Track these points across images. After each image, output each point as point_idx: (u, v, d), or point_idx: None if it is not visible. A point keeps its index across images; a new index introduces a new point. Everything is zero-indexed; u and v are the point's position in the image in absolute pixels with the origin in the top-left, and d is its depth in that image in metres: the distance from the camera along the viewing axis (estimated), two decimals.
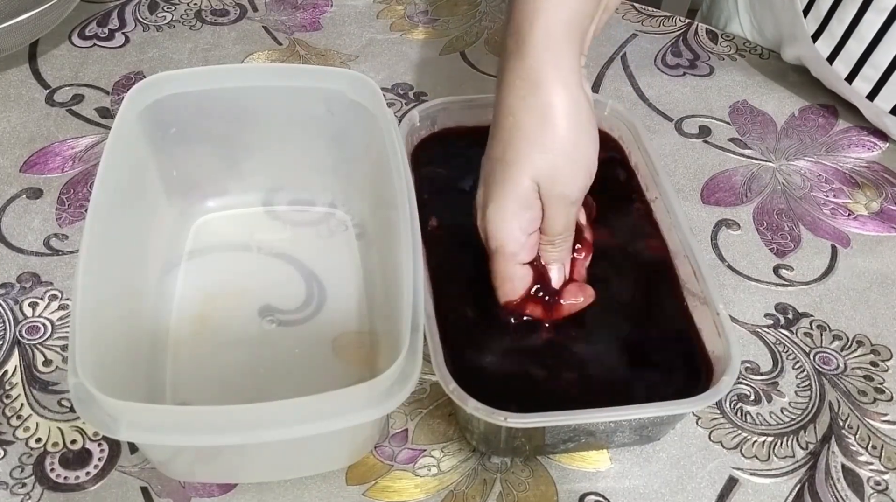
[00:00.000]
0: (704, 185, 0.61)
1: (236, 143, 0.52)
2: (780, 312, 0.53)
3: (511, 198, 0.43)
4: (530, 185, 0.42)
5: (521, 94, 0.42)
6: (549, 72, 0.41)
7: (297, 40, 0.70)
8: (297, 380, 0.47)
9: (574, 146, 0.42)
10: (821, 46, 0.63)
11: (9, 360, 0.48)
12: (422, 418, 0.47)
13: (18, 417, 0.46)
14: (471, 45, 0.71)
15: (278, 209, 0.55)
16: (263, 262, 0.52)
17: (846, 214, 0.60)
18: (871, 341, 0.52)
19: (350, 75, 0.48)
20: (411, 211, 0.43)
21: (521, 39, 0.42)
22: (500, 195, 0.43)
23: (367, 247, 0.53)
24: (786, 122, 0.66)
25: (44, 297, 0.51)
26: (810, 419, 0.48)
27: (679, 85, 0.68)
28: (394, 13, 0.73)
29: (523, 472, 0.45)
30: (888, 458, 0.47)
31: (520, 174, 0.42)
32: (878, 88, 0.61)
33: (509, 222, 0.43)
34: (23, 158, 0.59)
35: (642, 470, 0.46)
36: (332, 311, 0.50)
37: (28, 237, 0.54)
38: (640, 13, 0.75)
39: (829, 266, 0.56)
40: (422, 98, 0.65)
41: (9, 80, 0.64)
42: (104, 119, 0.62)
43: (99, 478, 0.44)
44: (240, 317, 0.50)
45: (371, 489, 0.44)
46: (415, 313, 0.39)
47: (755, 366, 0.51)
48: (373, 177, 0.49)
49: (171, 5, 0.72)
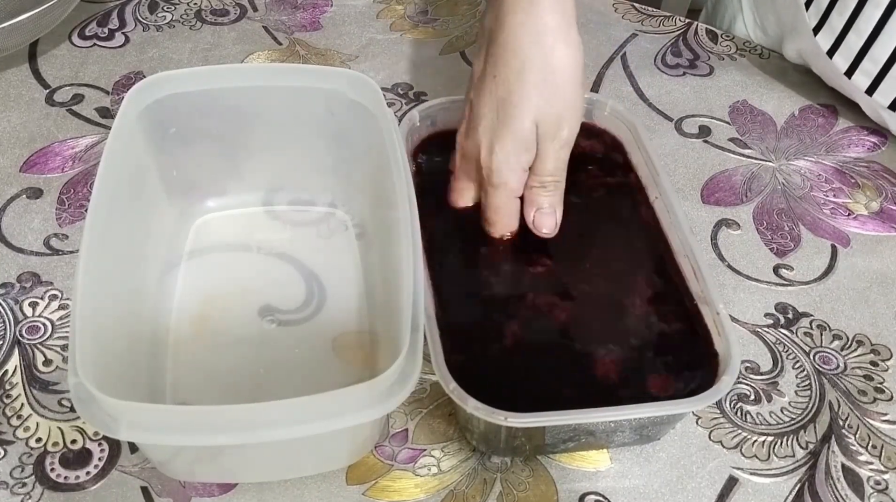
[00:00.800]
0: (704, 185, 0.61)
1: (236, 143, 0.52)
2: (780, 312, 0.53)
3: (517, 137, 0.46)
4: (531, 127, 0.46)
5: (528, 39, 0.46)
6: (555, 17, 0.46)
7: (297, 40, 0.70)
8: (297, 380, 0.47)
9: (573, 93, 0.47)
10: (821, 40, 0.63)
11: (9, 360, 0.48)
12: (422, 418, 0.47)
13: (18, 417, 0.46)
14: (471, 45, 0.71)
15: (278, 209, 0.55)
16: (263, 262, 0.52)
17: (846, 214, 0.60)
18: (871, 341, 0.52)
19: (350, 75, 0.48)
20: (411, 211, 0.43)
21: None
22: (506, 134, 0.46)
23: (367, 247, 0.53)
24: (786, 121, 0.66)
25: (44, 297, 0.51)
26: (810, 419, 0.48)
27: (679, 85, 0.68)
28: (394, 13, 0.73)
29: (523, 472, 0.45)
30: (888, 458, 0.47)
31: (526, 115, 0.46)
32: (877, 83, 0.61)
33: (513, 161, 0.47)
34: (23, 158, 0.59)
35: (642, 470, 0.46)
36: (332, 311, 0.50)
37: (28, 237, 0.54)
38: (640, 13, 0.75)
39: (829, 266, 0.56)
40: (422, 98, 0.65)
41: (9, 80, 0.64)
42: (104, 119, 0.62)
43: (99, 478, 0.44)
44: (240, 317, 0.50)
45: (371, 489, 0.44)
46: (415, 313, 0.39)
47: (755, 365, 0.51)
48: (373, 177, 0.49)
49: (171, 5, 0.72)
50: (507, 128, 0.47)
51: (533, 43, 0.46)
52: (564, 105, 0.46)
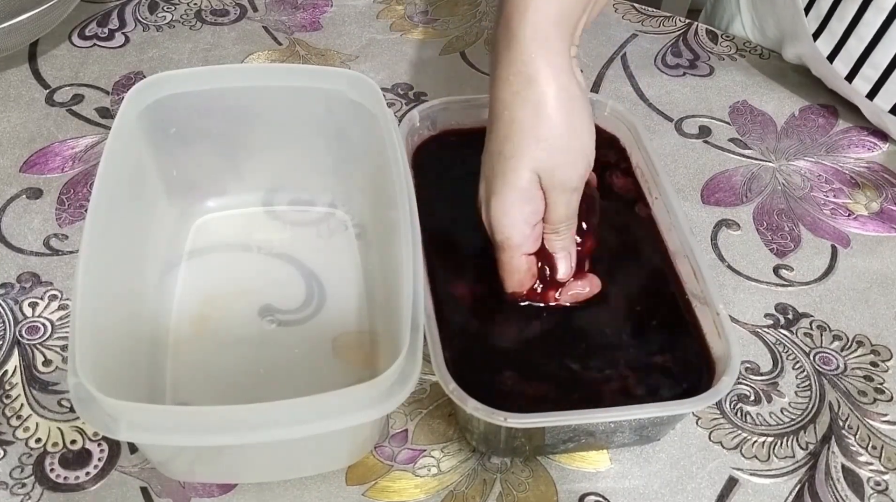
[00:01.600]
0: (704, 185, 0.61)
1: (236, 143, 0.52)
2: (780, 312, 0.53)
3: (513, 190, 0.44)
4: (530, 177, 0.43)
5: (514, 88, 0.43)
6: (540, 66, 0.42)
7: (297, 40, 0.70)
8: (297, 380, 0.47)
9: (570, 135, 0.43)
10: (821, 45, 0.63)
11: (9, 360, 0.48)
12: (422, 418, 0.47)
13: (18, 417, 0.46)
14: (471, 45, 0.71)
15: (278, 209, 0.55)
16: (263, 262, 0.52)
17: (846, 214, 0.60)
18: (871, 341, 0.52)
19: (350, 75, 0.48)
20: (411, 211, 0.43)
21: (512, 34, 0.43)
22: (501, 188, 0.44)
23: (367, 247, 0.53)
24: (786, 122, 0.66)
25: (44, 297, 0.51)
26: (810, 419, 0.48)
27: (679, 85, 0.68)
28: (394, 13, 0.73)
29: (523, 472, 0.45)
30: (888, 458, 0.47)
31: (520, 166, 0.43)
32: (878, 88, 0.61)
33: (513, 214, 0.44)
34: (23, 158, 0.58)
35: (642, 471, 0.46)
36: (332, 311, 0.50)
37: (28, 237, 0.54)
38: (640, 13, 0.75)
39: (829, 266, 0.56)
40: (422, 98, 0.65)
41: (9, 80, 0.64)
42: (104, 119, 0.62)
43: (99, 478, 0.44)
44: (240, 317, 0.49)
45: (371, 489, 0.44)
46: (415, 313, 0.39)
47: (755, 366, 0.51)
48: (373, 177, 0.49)
49: (171, 5, 0.72)
50: (503, 181, 0.44)
51: (517, 92, 0.43)
52: (564, 152, 0.43)
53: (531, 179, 0.44)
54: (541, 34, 0.42)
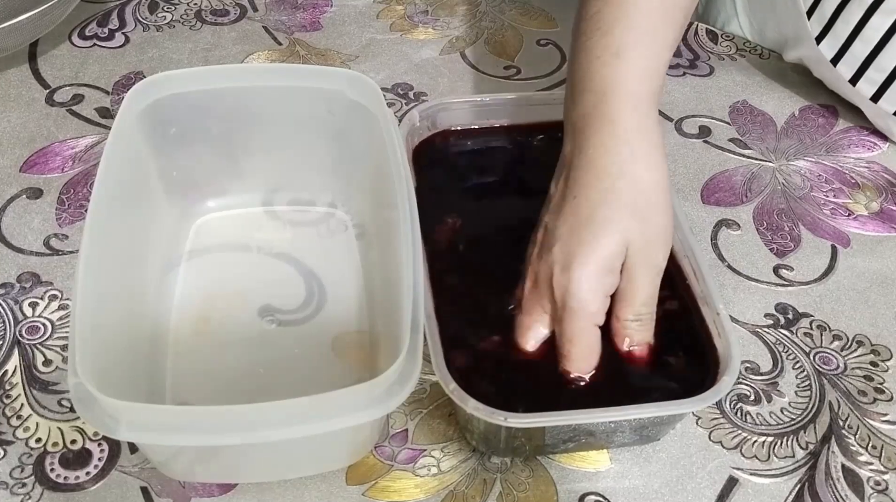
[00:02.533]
0: (704, 185, 0.61)
1: (236, 143, 0.52)
2: (780, 312, 0.53)
3: (601, 256, 0.43)
4: (618, 250, 0.43)
5: (612, 160, 0.43)
6: (640, 142, 0.44)
7: (297, 40, 0.70)
8: (297, 380, 0.47)
9: (664, 212, 0.44)
10: (825, 48, 0.63)
11: (9, 360, 0.48)
12: (422, 418, 0.47)
13: (18, 417, 0.46)
14: (471, 45, 0.71)
15: (278, 209, 0.55)
16: (263, 262, 0.52)
17: (846, 214, 0.60)
18: (871, 341, 0.52)
19: (350, 75, 0.48)
20: (411, 211, 0.43)
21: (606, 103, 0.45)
22: (588, 254, 0.43)
23: (367, 247, 0.53)
24: (786, 121, 0.66)
25: (44, 297, 0.51)
26: (810, 419, 0.48)
27: (679, 85, 0.68)
28: (394, 13, 0.73)
29: (523, 472, 0.45)
30: (888, 458, 0.47)
31: (612, 234, 0.43)
32: (883, 90, 0.61)
33: (595, 281, 0.43)
34: (23, 158, 0.59)
35: (642, 470, 0.46)
36: (331, 311, 0.50)
37: (28, 237, 0.54)
38: None
39: (829, 266, 0.56)
40: (422, 98, 0.65)
41: (9, 80, 0.64)
42: (104, 119, 0.62)
43: (99, 478, 0.44)
44: (240, 317, 0.49)
45: (371, 489, 0.44)
46: (415, 313, 0.39)
47: (755, 365, 0.51)
48: (373, 177, 0.49)
49: (171, 5, 0.72)
50: (590, 246, 0.42)
51: (619, 164, 0.43)
52: (657, 230, 0.44)
53: (618, 252, 0.43)
54: (641, 109, 0.45)
